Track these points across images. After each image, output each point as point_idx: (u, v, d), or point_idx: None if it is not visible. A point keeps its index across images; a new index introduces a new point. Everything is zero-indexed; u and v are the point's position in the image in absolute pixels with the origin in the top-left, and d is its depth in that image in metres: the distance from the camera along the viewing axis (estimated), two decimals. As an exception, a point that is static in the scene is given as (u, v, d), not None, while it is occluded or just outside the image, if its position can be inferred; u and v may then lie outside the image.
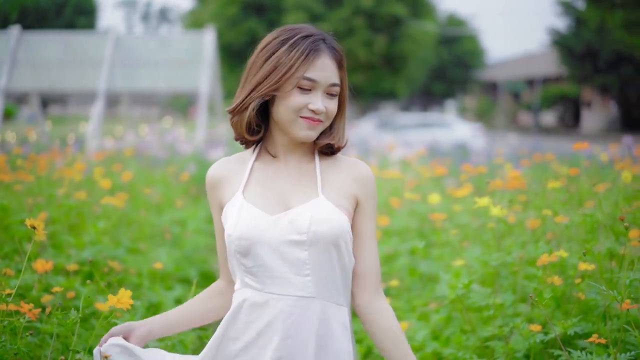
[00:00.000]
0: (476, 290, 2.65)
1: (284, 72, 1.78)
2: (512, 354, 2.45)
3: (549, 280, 2.50)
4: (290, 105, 1.79)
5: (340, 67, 1.86)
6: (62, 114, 33.70)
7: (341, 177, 1.88)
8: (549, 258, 2.37)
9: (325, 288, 1.79)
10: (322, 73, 1.80)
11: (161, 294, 3.50)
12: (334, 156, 1.92)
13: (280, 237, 1.77)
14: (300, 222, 1.77)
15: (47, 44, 14.75)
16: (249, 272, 1.79)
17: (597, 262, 2.81)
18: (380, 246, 3.84)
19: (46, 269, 2.60)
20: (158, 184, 5.79)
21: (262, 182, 1.86)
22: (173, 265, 4.09)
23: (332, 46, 1.85)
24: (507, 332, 2.46)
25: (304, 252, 1.76)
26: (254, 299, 1.79)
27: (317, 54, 1.80)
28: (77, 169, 3.97)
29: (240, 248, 1.77)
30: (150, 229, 4.48)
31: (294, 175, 1.87)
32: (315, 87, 1.80)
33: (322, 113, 1.81)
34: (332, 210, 1.80)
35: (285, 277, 1.76)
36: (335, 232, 1.78)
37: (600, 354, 2.12)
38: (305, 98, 1.79)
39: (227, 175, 1.90)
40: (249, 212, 1.79)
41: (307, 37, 1.82)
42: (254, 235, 1.77)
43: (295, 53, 1.79)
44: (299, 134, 1.81)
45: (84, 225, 3.56)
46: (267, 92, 1.80)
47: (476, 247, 3.14)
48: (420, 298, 3.22)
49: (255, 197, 1.83)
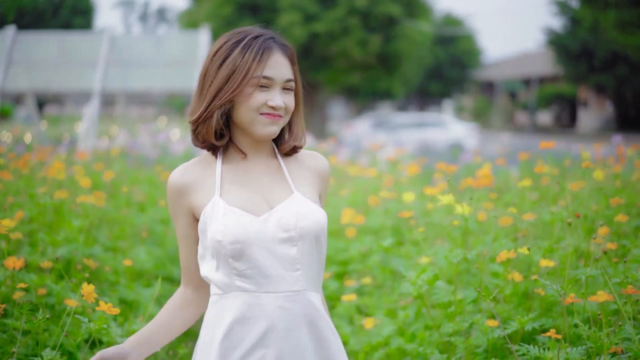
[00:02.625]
0: (440, 287, 2.70)
1: (242, 75, 1.82)
2: (472, 349, 2.49)
3: (509, 277, 2.54)
4: (251, 106, 1.83)
5: (293, 63, 1.90)
6: (59, 114, 33.74)
7: (306, 173, 1.96)
8: (507, 255, 2.40)
9: (311, 279, 1.85)
10: (277, 70, 1.85)
11: (137, 292, 3.54)
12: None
13: (270, 236, 1.80)
14: (286, 220, 1.81)
15: (42, 44, 14.76)
16: (242, 275, 1.80)
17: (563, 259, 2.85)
18: (354, 244, 3.88)
19: (17, 266, 2.64)
20: (143, 184, 5.83)
21: (236, 183, 1.88)
22: (153, 264, 4.13)
23: (282, 43, 1.90)
24: (466, 328, 2.50)
25: (294, 248, 1.80)
26: (248, 302, 1.80)
27: (270, 53, 1.85)
28: (55, 167, 4.00)
29: (234, 252, 1.78)
30: (131, 228, 4.51)
31: (264, 175, 1.91)
32: (272, 85, 1.84)
33: (281, 108, 1.85)
34: (310, 205, 1.86)
35: (280, 275, 1.80)
36: (317, 226, 1.84)
37: (554, 349, 2.16)
38: (264, 96, 1.84)
39: (195, 180, 1.89)
40: (236, 216, 1.80)
41: (258, 38, 1.86)
42: (246, 238, 1.78)
43: (250, 54, 1.83)
44: (261, 132, 1.85)
45: (62, 223, 3.59)
46: (230, 98, 1.83)
47: (445, 244, 3.19)
48: (389, 295, 3.27)
49: (236, 199, 1.84)
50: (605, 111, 34.84)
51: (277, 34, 1.93)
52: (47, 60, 14.26)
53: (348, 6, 20.82)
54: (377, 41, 21.27)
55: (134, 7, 76.52)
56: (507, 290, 2.62)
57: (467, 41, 39.75)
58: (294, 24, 20.38)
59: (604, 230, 3.05)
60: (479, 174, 3.21)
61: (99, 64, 13.44)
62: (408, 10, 22.99)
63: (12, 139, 9.45)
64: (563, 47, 30.15)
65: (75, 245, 3.36)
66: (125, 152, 8.07)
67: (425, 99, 46.34)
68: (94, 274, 3.48)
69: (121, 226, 4.29)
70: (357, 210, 4.36)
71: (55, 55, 14.36)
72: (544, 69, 37.37)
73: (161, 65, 14.13)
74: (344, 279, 3.83)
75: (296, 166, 1.96)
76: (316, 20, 20.67)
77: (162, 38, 16.86)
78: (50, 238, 3.11)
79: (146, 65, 14.19)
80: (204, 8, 21.73)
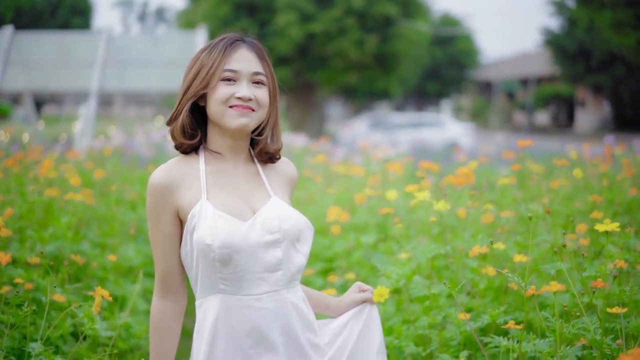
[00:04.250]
0: (418, 282, 2.76)
1: (206, 71, 1.91)
2: (446, 342, 2.55)
3: (483, 272, 2.60)
4: (218, 98, 1.90)
5: (262, 59, 1.97)
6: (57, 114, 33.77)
7: (280, 179, 2.04)
8: (480, 249, 2.47)
9: (292, 277, 1.91)
10: (241, 63, 1.92)
11: (125, 287, 3.60)
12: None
13: (256, 240, 1.85)
14: (270, 222, 1.87)
15: (39, 43, 14.80)
16: (224, 279, 1.85)
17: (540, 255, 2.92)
18: (339, 241, 3.95)
19: (3, 261, 2.70)
20: (135, 183, 5.89)
21: (221, 188, 1.92)
22: (141, 261, 4.18)
23: (251, 41, 1.98)
24: (440, 321, 2.56)
25: (278, 249, 1.87)
26: (229, 303, 1.85)
27: (235, 48, 1.94)
28: (46, 166, 4.06)
29: (222, 257, 1.82)
30: (120, 226, 4.57)
31: (244, 178, 1.98)
32: (238, 78, 1.92)
33: (250, 100, 1.91)
34: (289, 208, 1.94)
35: (261, 277, 1.86)
36: (297, 227, 1.91)
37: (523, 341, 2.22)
38: (231, 89, 1.91)
39: (181, 179, 1.91)
40: (225, 221, 1.84)
41: (225, 39, 1.95)
42: (234, 243, 1.82)
43: (215, 52, 1.93)
44: (232, 124, 1.91)
45: (51, 220, 3.65)
46: (196, 92, 1.92)
47: (425, 240, 3.24)
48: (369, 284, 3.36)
49: (223, 204, 1.88)
50: (602, 111, 34.88)
51: (250, 36, 1.99)
52: (44, 60, 14.30)
53: (345, 6, 20.86)
54: (374, 41, 21.31)
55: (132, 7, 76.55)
56: (482, 285, 2.68)
57: (464, 41, 39.77)
58: (290, 24, 20.42)
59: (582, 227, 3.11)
60: (459, 171, 3.27)
61: (97, 63, 13.47)
62: (405, 10, 23.03)
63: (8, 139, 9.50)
64: (560, 47, 30.20)
65: (63, 242, 3.41)
66: (120, 152, 8.12)
67: (423, 99, 46.36)
68: (82, 269, 3.54)
69: (110, 224, 4.34)
70: (344, 208, 4.42)
71: (53, 55, 14.39)
72: (541, 69, 37.43)
73: (158, 65, 14.18)
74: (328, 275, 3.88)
75: (272, 172, 2.03)
76: (313, 21, 20.70)
77: (159, 38, 16.93)
78: (38, 234, 3.16)
79: (143, 65, 14.24)
80: (202, 8, 21.77)
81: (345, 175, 6.08)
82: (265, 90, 1.95)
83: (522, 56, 44.43)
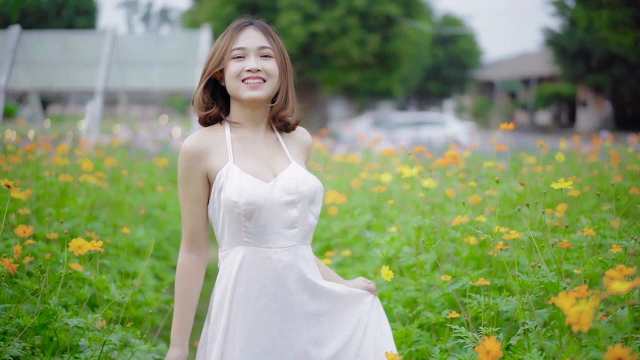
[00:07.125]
0: (406, 252, 3.01)
1: (219, 52, 2.20)
2: (431, 304, 2.80)
3: (465, 241, 2.85)
4: (231, 74, 2.18)
5: (268, 35, 2.23)
6: (62, 114, 34.09)
7: (297, 146, 2.32)
8: (461, 219, 2.71)
9: (306, 235, 2.18)
10: (248, 40, 2.19)
11: (136, 264, 3.86)
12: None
13: (277, 200, 2.11)
14: (289, 185, 2.14)
15: (45, 43, 15.03)
16: (248, 232, 2.11)
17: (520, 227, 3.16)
18: (336, 222, 4.20)
19: (26, 233, 2.95)
20: (142, 171, 6.14)
21: (246, 153, 2.18)
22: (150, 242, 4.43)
23: (257, 22, 2.25)
24: (424, 285, 2.81)
25: (294, 209, 2.13)
26: (253, 255, 2.10)
27: (242, 29, 2.22)
28: (60, 151, 4.31)
29: (247, 212, 2.07)
30: (130, 211, 4.82)
31: (265, 145, 2.25)
32: (247, 54, 2.18)
33: (259, 70, 2.17)
34: (306, 172, 2.21)
35: (279, 232, 2.12)
36: (312, 189, 2.18)
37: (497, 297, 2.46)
38: (241, 64, 2.18)
39: (210, 146, 2.17)
40: (249, 181, 2.10)
41: (234, 24, 2.21)
42: (258, 201, 2.08)
43: (226, 37, 2.22)
44: (246, 95, 2.17)
45: (66, 201, 3.90)
46: (210, 71, 2.21)
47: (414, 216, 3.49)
48: (364, 261, 3.61)
49: (248, 167, 2.14)
50: (603, 111, 35.07)
51: (258, 19, 2.26)
52: (50, 60, 14.52)
53: (347, 6, 21.12)
54: (376, 41, 21.57)
55: (136, 7, 76.89)
56: (465, 253, 2.93)
57: (466, 41, 39.98)
58: (293, 24, 20.68)
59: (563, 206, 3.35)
60: (447, 154, 3.51)
61: (102, 63, 13.71)
62: (407, 10, 23.29)
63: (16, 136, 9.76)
64: (561, 47, 30.42)
65: (79, 220, 3.67)
66: (127, 146, 8.38)
67: (426, 99, 46.59)
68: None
69: (121, 207, 4.60)
70: (341, 192, 4.67)
71: (58, 54, 14.61)
72: (542, 69, 37.63)
73: (162, 65, 14.40)
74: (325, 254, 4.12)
75: (290, 141, 2.31)
76: (315, 20, 20.97)
77: (163, 38, 17.12)
78: (57, 212, 3.41)
79: (148, 64, 14.45)
80: (205, 8, 22.05)
81: (344, 164, 6.34)
82: (273, 61, 2.22)
83: (523, 56, 44.64)
